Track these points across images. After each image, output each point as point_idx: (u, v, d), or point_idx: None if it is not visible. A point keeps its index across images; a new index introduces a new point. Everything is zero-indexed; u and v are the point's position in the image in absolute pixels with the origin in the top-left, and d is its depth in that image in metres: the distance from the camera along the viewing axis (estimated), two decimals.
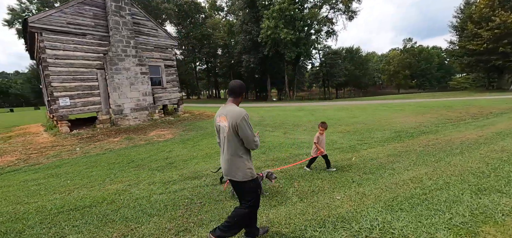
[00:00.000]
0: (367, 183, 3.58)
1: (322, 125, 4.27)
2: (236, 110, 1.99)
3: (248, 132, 1.96)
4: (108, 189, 3.98)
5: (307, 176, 4.06)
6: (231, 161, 2.03)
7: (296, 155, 5.44)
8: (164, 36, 12.18)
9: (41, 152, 6.63)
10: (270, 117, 12.59)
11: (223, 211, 2.95)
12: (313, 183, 3.73)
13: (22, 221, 3.06)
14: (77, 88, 9.22)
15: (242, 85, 2.13)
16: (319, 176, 3.99)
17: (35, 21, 8.23)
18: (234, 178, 2.05)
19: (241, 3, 35.12)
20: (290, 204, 3.08)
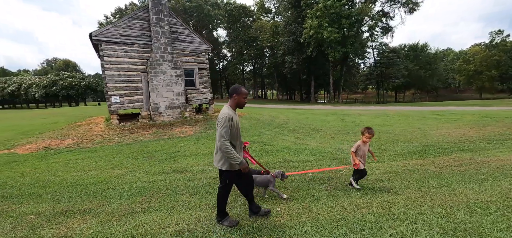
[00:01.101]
0: (328, 199, 3.30)
1: (367, 131, 3.46)
2: (223, 110, 2.45)
3: (220, 131, 2.33)
4: (112, 173, 4.89)
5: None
6: (215, 153, 2.53)
7: (288, 160, 5.35)
8: (198, 42, 13.43)
9: (91, 139, 8.40)
10: (295, 120, 12.40)
11: (176, 202, 3.33)
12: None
13: (46, 187, 4.13)
14: (125, 89, 11.17)
15: (233, 88, 2.52)
16: (288, 185, 3.89)
17: (96, 34, 10.39)
18: (217, 165, 2.52)
19: (286, 3, 35.04)
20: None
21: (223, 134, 2.31)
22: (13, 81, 50.40)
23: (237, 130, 2.50)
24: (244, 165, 2.41)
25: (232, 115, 2.39)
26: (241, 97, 2.50)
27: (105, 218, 2.90)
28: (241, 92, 2.50)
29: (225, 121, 2.32)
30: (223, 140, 2.30)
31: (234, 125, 2.41)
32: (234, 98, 2.49)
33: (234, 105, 2.52)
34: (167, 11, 11.69)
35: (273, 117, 13.34)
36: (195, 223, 2.64)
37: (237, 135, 2.50)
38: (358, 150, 3.48)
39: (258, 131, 9.41)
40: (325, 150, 6.23)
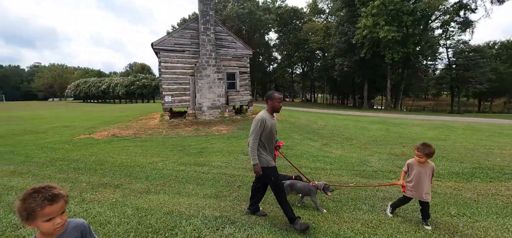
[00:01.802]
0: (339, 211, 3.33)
1: (423, 148, 2.60)
2: (259, 113, 2.69)
3: (251, 130, 2.62)
4: (149, 159, 5.92)
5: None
6: None
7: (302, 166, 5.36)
8: (241, 47, 14.33)
9: (145, 131, 10.11)
10: (332, 126, 11.89)
11: (182, 189, 3.91)
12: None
13: (101, 165, 5.37)
14: (176, 90, 12.88)
15: (267, 95, 2.76)
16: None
17: (156, 44, 12.35)
18: None
19: (339, 3, 33.29)
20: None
21: (252, 133, 2.58)
22: (105, 81, 63.37)
23: (271, 132, 2.67)
24: (257, 169, 2.55)
25: (265, 118, 2.59)
26: (275, 102, 2.67)
27: (128, 192, 3.70)
28: (274, 98, 2.67)
29: (257, 122, 2.57)
30: (252, 138, 2.57)
31: (267, 127, 2.59)
32: (269, 104, 2.70)
33: (270, 110, 2.72)
34: (213, 21, 12.93)
35: (310, 122, 13.08)
36: (186, 208, 3.12)
37: (271, 137, 2.70)
38: (409, 170, 2.80)
39: (288, 135, 9.49)
40: (347, 160, 5.93)
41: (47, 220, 1.07)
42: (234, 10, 42.94)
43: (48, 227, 1.09)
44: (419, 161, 2.69)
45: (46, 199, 1.06)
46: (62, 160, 5.85)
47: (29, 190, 1.09)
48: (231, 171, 4.92)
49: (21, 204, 1.05)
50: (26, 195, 1.07)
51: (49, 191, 1.09)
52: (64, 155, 6.35)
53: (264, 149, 2.64)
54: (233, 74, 14.21)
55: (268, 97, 2.70)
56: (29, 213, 1.05)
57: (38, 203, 1.05)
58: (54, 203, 1.08)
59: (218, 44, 13.45)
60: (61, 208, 1.12)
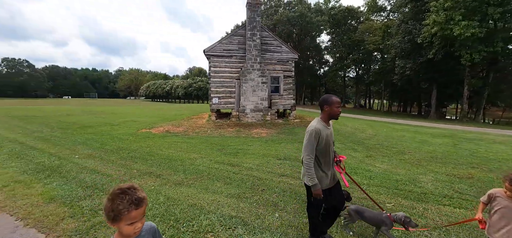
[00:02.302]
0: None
1: (509, 180, 1.89)
2: (312, 123, 2.32)
3: (304, 145, 2.28)
4: (191, 155, 6.53)
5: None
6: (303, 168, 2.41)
7: None
8: (286, 52, 14.33)
9: (193, 129, 11.15)
10: (383, 137, 10.71)
11: (210, 185, 4.21)
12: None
13: (152, 156, 6.22)
14: (223, 92, 13.77)
15: (323, 100, 2.34)
16: None
17: (208, 50, 13.49)
18: (301, 179, 2.44)
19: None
20: None
21: (305, 148, 2.23)
22: (168, 83, 72.36)
23: (327, 145, 2.28)
24: (317, 191, 2.17)
25: (319, 129, 2.20)
26: (334, 108, 2.25)
27: (165, 182, 4.21)
28: (333, 102, 2.25)
29: (311, 134, 2.19)
30: (305, 154, 2.22)
31: (322, 139, 2.21)
32: (325, 110, 2.28)
33: (326, 118, 2.31)
34: (260, 27, 13.33)
35: (357, 130, 12.05)
36: (208, 203, 3.37)
37: (327, 150, 2.30)
38: (492, 203, 2.05)
39: None
40: (392, 176, 5.27)
41: (130, 223, 1.08)
42: (284, 14, 43.11)
43: (129, 230, 1.10)
44: (507, 194, 1.95)
45: (133, 203, 1.07)
46: (124, 149, 7.02)
47: (115, 189, 1.10)
48: (260, 174, 5.01)
49: (110, 205, 1.06)
50: (113, 195, 1.08)
51: (135, 194, 1.09)
52: (127, 145, 7.60)
53: (317, 165, 2.30)
54: (277, 78, 14.31)
55: (324, 102, 2.28)
56: (116, 215, 1.06)
57: (125, 206, 1.05)
58: (139, 207, 1.09)
59: (263, 49, 13.79)
60: (143, 212, 1.13)
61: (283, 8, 48.59)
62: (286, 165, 5.76)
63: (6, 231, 2.56)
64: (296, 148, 7.89)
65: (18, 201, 3.25)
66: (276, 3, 50.21)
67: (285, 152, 7.18)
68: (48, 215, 2.88)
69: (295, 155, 6.89)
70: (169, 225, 2.74)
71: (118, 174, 4.60)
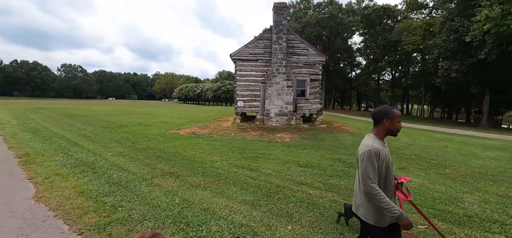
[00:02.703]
0: None
1: None
2: (365, 141, 1.88)
3: (363, 169, 1.76)
4: (212, 157, 6.64)
5: None
6: (358, 197, 1.93)
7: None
8: (313, 54, 13.90)
9: (218, 131, 11.39)
10: (421, 147, 9.70)
11: (225, 190, 4.19)
12: None
13: (175, 156, 6.46)
14: (248, 96, 13.86)
15: (381, 112, 1.88)
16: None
17: (234, 55, 13.74)
18: (356, 212, 1.96)
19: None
20: None
21: (367, 173, 1.72)
22: (199, 86, 75.71)
23: (387, 168, 1.83)
24: (406, 220, 1.70)
25: (378, 149, 1.77)
26: (396, 122, 1.85)
27: (183, 183, 4.30)
28: (394, 116, 1.84)
29: (370, 155, 1.73)
30: (370, 181, 1.71)
31: (382, 160, 1.78)
32: (384, 125, 1.86)
33: (382, 134, 1.88)
34: (286, 30, 13.16)
35: (390, 139, 11.06)
36: (221, 209, 3.33)
37: (387, 174, 1.84)
38: None
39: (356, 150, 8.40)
40: (429, 193, 4.67)
41: None
42: (313, 17, 42.12)
43: None
44: None
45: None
46: (152, 148, 7.43)
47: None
48: (278, 180, 4.84)
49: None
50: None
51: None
52: (155, 145, 8.04)
53: None
54: (303, 81, 13.95)
55: (383, 115, 1.85)
56: None
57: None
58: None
59: (289, 52, 13.58)
60: None
61: (313, 10, 47.52)
62: (307, 173, 5.49)
63: (39, 220, 2.83)
64: (320, 154, 7.52)
65: (54, 193, 3.60)
66: (305, 6, 49.39)
67: (308, 159, 6.89)
68: (75, 208, 3.12)
69: (318, 162, 6.56)
70: (179, 228, 2.76)
71: (142, 173, 4.85)
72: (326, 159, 6.96)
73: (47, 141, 7.80)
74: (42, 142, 7.60)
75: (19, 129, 10.03)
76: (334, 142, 9.74)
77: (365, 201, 1.82)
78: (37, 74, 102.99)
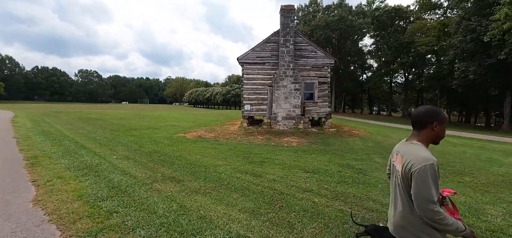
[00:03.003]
0: None
1: None
2: (416, 152, 1.42)
3: (423, 191, 1.32)
4: (215, 162, 6.51)
5: None
6: (401, 217, 1.51)
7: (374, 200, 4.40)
8: (321, 57, 13.62)
9: (224, 135, 11.30)
10: (437, 152, 9.14)
11: (226, 196, 4.03)
12: None
13: (179, 160, 6.39)
14: (255, 99, 13.73)
15: (430, 112, 1.52)
16: None
17: (241, 58, 13.68)
18: (396, 235, 1.56)
19: None
20: None
21: (430, 196, 1.30)
22: (208, 90, 76.51)
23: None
24: (472, 235, 1.39)
25: (436, 163, 1.36)
26: (444, 128, 1.54)
27: (183, 189, 4.18)
28: (445, 119, 1.52)
29: (433, 172, 1.32)
30: (434, 206, 1.30)
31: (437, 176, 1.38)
32: (433, 131, 1.51)
33: (429, 142, 1.55)
34: (293, 32, 12.98)
35: None
36: (218, 217, 3.17)
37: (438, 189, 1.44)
38: None
39: (367, 156, 8.04)
40: None
41: None
42: (323, 19, 41.70)
43: None
44: None
45: None
46: (157, 152, 7.42)
47: None
48: (282, 187, 4.64)
49: None
50: None
51: None
52: (161, 148, 8.03)
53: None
54: (311, 84, 13.67)
55: (432, 117, 1.49)
56: None
57: None
58: None
59: (297, 55, 13.38)
60: None
61: (322, 13, 47.10)
62: (313, 179, 5.24)
63: (33, 225, 2.78)
64: (328, 160, 7.23)
65: (53, 196, 3.58)
66: (314, 9, 49.05)
67: (315, 164, 6.63)
68: (71, 212, 3.06)
69: (326, 167, 6.29)
70: (173, 237, 2.62)
71: (143, 177, 4.78)
72: (334, 165, 6.67)
73: (56, 143, 7.97)
74: (51, 144, 7.77)
75: (32, 132, 10.36)
76: (343, 146, 9.39)
77: (413, 223, 1.43)
78: (56, 80, 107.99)
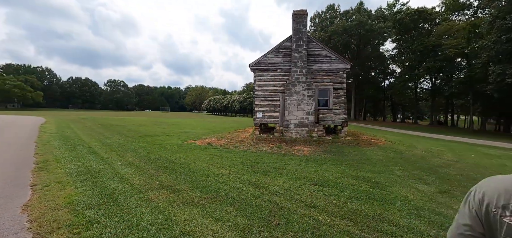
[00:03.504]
0: None
1: None
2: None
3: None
4: (218, 171, 6.24)
5: None
6: None
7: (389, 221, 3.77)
8: (336, 61, 13.02)
9: (234, 142, 11.07)
10: (470, 166, 8.21)
11: (218, 209, 3.72)
12: None
13: (182, 167, 6.22)
14: (267, 106, 13.41)
15: None
16: None
17: (253, 65, 13.53)
18: None
19: None
20: None
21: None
22: (226, 98, 77.62)
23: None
24: None
25: None
26: None
27: (176, 198, 3.95)
28: None
29: None
30: None
31: None
32: None
33: None
34: (306, 38, 12.59)
35: (429, 154, 9.56)
36: (203, 234, 2.85)
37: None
38: None
39: (386, 167, 7.30)
40: None
41: None
42: (340, 25, 40.72)
43: None
44: None
45: None
46: (163, 159, 7.34)
47: None
48: (284, 201, 4.22)
49: None
50: None
51: None
52: (168, 155, 7.97)
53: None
54: (326, 90, 13.08)
55: None
56: None
57: None
58: None
59: (310, 60, 12.93)
60: None
61: (340, 18, 46.08)
62: (321, 193, 4.76)
63: (11, 232, 2.69)
64: (341, 171, 6.65)
65: (43, 202, 3.52)
66: (331, 15, 48.22)
67: (325, 176, 6.10)
68: (52, 220, 2.95)
69: (337, 180, 5.74)
70: None
71: (140, 184, 4.64)
72: (347, 177, 6.09)
73: (70, 148, 8.25)
74: (66, 149, 8.05)
75: (54, 137, 10.93)
76: (360, 156, 8.68)
77: None
78: (88, 89, 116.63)
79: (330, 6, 48.20)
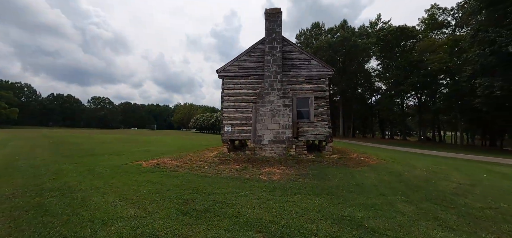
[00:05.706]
0: None
1: None
2: None
3: None
4: (126, 212, 3.92)
5: None
6: None
7: None
8: (317, 66, 11.29)
9: (190, 164, 8.71)
10: (487, 189, 6.19)
11: None
12: None
13: (70, 206, 3.85)
14: (237, 119, 11.29)
15: None
16: None
17: (221, 70, 11.56)
18: None
19: (474, 4, 23.70)
20: None
21: None
22: (214, 116, 75.09)
23: None
24: None
25: None
26: None
27: None
28: None
29: None
30: None
31: None
32: None
33: None
34: (280, 39, 10.87)
35: (434, 176, 7.56)
36: None
37: None
38: None
39: (385, 198, 5.20)
40: None
41: None
42: (325, 41, 40.47)
43: None
44: None
45: None
46: (56, 190, 4.91)
47: None
48: None
49: None
50: None
51: None
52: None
53: None
54: (306, 100, 11.18)
55: None
56: None
57: None
58: None
59: (287, 65, 11.13)
60: None
61: (324, 36, 46.14)
62: None
63: None
64: (318, 206, 4.48)
65: None
66: (316, 32, 48.37)
67: (291, 218, 3.90)
68: None
69: (309, 226, 3.58)
70: None
71: None
72: (325, 218, 3.92)
73: None
74: None
75: None
76: (347, 181, 6.56)
77: None
78: (69, 106, 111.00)
79: (315, 24, 48.45)
